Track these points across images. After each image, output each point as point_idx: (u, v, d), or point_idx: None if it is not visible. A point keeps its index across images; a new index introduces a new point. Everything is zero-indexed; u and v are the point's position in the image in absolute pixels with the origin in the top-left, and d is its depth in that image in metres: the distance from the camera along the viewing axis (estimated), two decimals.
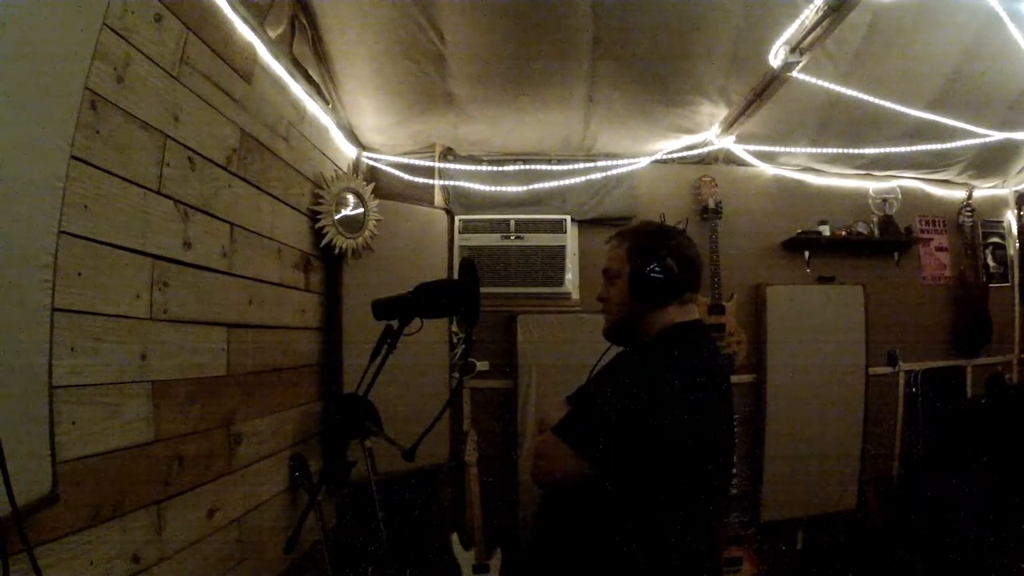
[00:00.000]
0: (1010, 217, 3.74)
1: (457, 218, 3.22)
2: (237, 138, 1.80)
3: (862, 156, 3.28)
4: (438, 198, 3.23)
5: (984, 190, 3.71)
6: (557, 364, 2.99)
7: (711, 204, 3.26)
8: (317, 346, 2.52)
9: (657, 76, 2.65)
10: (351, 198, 2.64)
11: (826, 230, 3.38)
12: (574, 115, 2.95)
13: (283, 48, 2.13)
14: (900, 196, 3.46)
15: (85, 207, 1.18)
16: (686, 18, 2.31)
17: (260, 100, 1.96)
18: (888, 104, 2.66)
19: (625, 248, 1.42)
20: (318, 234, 2.46)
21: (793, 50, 2.24)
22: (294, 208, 2.28)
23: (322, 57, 2.47)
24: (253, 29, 1.86)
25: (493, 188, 3.25)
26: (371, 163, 3.17)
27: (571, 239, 3.25)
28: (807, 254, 3.45)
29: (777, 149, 3.27)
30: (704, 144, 3.16)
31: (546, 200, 3.27)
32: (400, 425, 1.99)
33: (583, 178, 3.25)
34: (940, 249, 3.62)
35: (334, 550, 2.06)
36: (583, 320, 3.11)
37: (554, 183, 3.25)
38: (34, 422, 1.03)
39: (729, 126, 2.96)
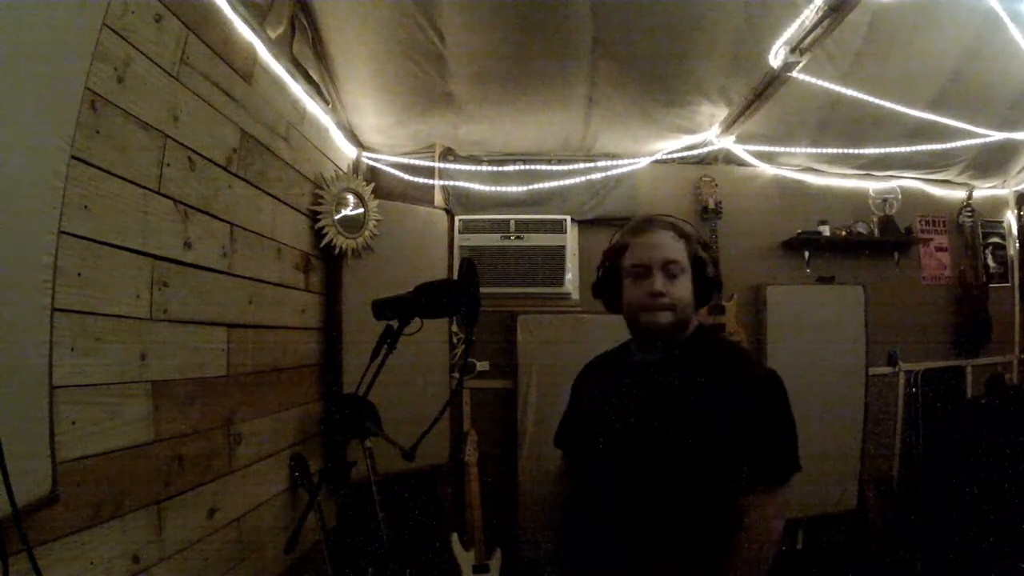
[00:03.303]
0: (1010, 217, 3.74)
1: (457, 218, 3.22)
2: (237, 138, 1.80)
3: (862, 156, 3.28)
4: (438, 198, 3.23)
5: (984, 190, 3.71)
6: (557, 364, 2.98)
7: (711, 204, 3.26)
8: (317, 346, 2.52)
9: (657, 76, 2.65)
10: (351, 198, 2.64)
11: (826, 230, 3.38)
12: (574, 115, 2.95)
13: (283, 48, 2.13)
14: (900, 196, 3.46)
15: (85, 207, 1.18)
16: (686, 18, 2.31)
17: (260, 100, 1.96)
18: (888, 104, 2.66)
19: (684, 244, 1.36)
20: (318, 234, 2.46)
21: (793, 50, 2.24)
22: (294, 208, 2.28)
23: (322, 57, 2.47)
24: (253, 29, 1.86)
25: (493, 188, 3.25)
26: (371, 163, 3.17)
27: (571, 239, 3.25)
28: (807, 254, 3.45)
29: (777, 149, 3.27)
30: (704, 144, 3.16)
31: (546, 200, 3.27)
32: (400, 425, 1.99)
33: (583, 178, 3.25)
34: (940, 249, 3.62)
35: (334, 550, 2.06)
36: (583, 320, 3.11)
37: (554, 183, 3.25)
38: (34, 422, 1.03)
39: (729, 126, 2.96)
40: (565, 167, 3.26)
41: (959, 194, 3.64)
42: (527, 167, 3.28)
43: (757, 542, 1.22)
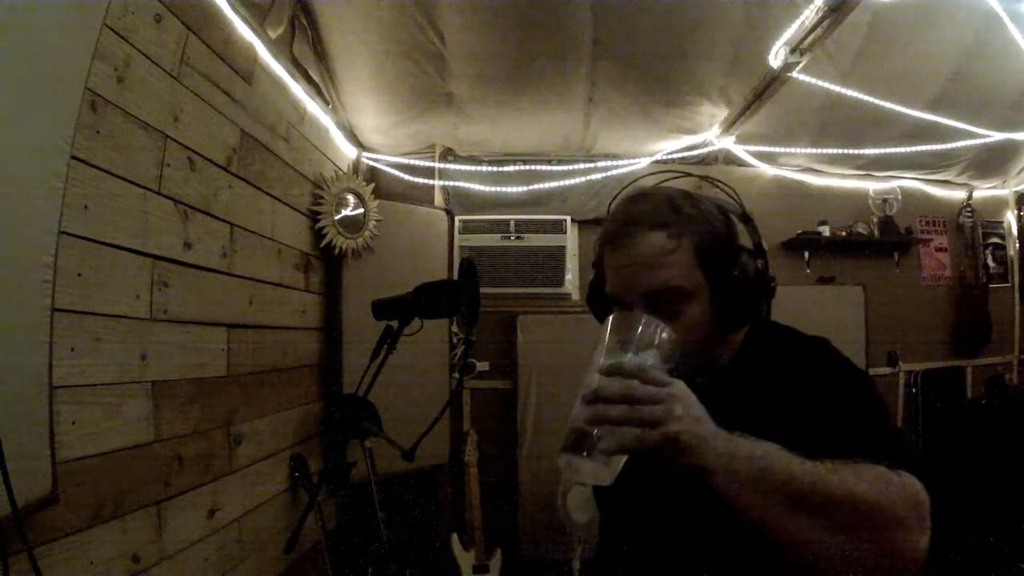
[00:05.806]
0: (1010, 218, 3.74)
1: (457, 218, 3.22)
2: (237, 138, 1.80)
3: (862, 156, 3.27)
4: (438, 198, 3.23)
5: (984, 191, 3.71)
6: (557, 364, 2.99)
7: None
8: (317, 346, 2.52)
9: (657, 76, 2.65)
10: (351, 198, 2.64)
11: (826, 230, 3.38)
12: (574, 115, 2.95)
13: (283, 48, 2.13)
14: (900, 197, 3.46)
15: (85, 207, 1.18)
16: (686, 18, 2.31)
17: (260, 100, 1.96)
18: (888, 104, 2.66)
19: (688, 245, 0.91)
20: (318, 234, 2.46)
21: (793, 50, 2.24)
22: (294, 208, 2.28)
23: (322, 57, 2.47)
24: (253, 29, 1.86)
25: (493, 188, 3.25)
26: (371, 163, 3.17)
27: (571, 239, 3.25)
28: (807, 254, 3.45)
29: (777, 149, 3.27)
30: (704, 144, 3.16)
31: (546, 200, 3.27)
32: (400, 425, 1.99)
33: (583, 178, 3.25)
34: (940, 249, 3.62)
35: (334, 550, 2.06)
36: (583, 320, 3.10)
37: (554, 183, 3.25)
38: (34, 422, 1.03)
39: (729, 126, 2.96)
40: (565, 167, 3.26)
41: (959, 194, 3.63)
42: (527, 167, 3.28)
43: None
